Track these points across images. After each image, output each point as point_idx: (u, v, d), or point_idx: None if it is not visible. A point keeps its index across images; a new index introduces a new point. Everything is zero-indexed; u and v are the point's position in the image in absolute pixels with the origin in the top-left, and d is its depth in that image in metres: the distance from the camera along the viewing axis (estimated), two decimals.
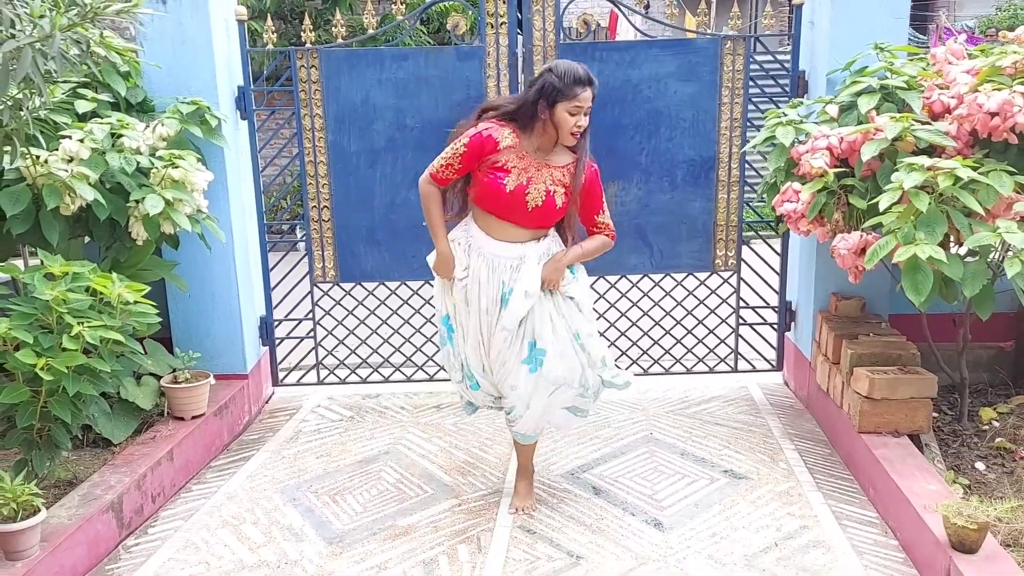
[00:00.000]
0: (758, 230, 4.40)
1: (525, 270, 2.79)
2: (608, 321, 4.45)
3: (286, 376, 4.52)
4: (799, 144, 3.28)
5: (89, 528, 2.75)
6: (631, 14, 4.47)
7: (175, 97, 3.60)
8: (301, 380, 4.50)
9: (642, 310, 4.45)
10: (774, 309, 4.42)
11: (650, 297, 4.42)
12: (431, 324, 4.48)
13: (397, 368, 4.50)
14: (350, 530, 3.00)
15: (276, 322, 4.37)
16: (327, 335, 4.45)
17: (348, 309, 4.43)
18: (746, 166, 4.30)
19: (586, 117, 2.75)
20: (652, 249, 4.26)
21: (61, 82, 3.14)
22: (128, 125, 3.23)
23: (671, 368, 4.49)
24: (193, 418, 3.57)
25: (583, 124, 2.74)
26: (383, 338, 4.48)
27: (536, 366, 2.83)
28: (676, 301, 4.40)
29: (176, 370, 3.68)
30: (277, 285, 4.35)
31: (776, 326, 4.46)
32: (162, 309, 3.36)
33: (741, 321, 4.43)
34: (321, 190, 4.19)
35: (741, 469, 3.42)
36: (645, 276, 4.39)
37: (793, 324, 4.35)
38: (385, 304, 4.46)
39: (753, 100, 4.17)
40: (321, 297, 4.40)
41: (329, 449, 3.74)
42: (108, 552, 2.87)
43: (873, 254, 2.70)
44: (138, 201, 3.14)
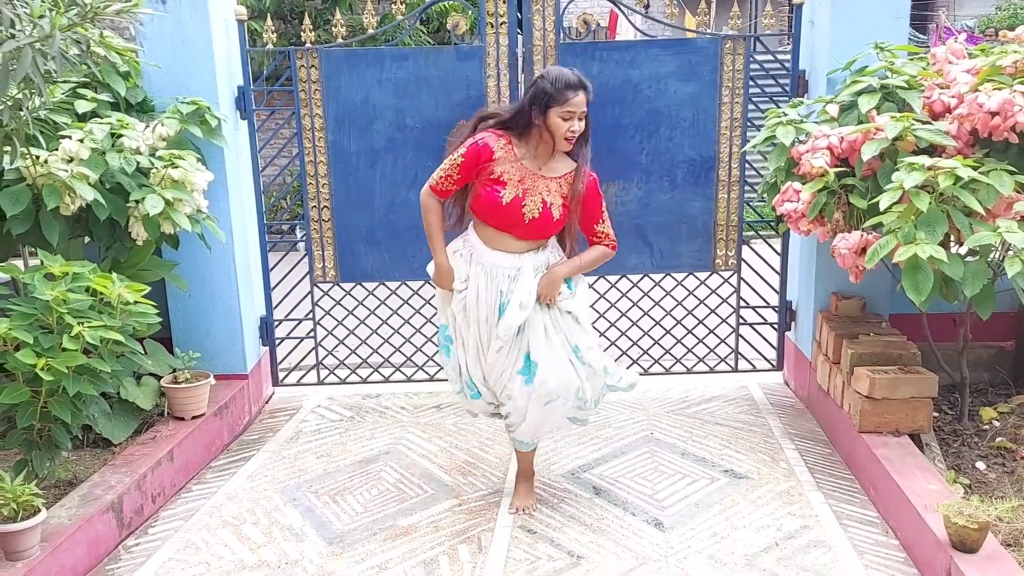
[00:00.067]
0: (758, 230, 4.40)
1: (521, 281, 2.79)
2: (608, 321, 4.45)
3: (286, 376, 4.52)
4: (799, 144, 3.28)
5: (89, 528, 2.75)
6: (631, 14, 4.46)
7: (175, 97, 3.60)
8: (301, 380, 4.50)
9: (642, 310, 4.45)
10: (774, 309, 4.42)
11: (650, 297, 4.42)
12: (431, 324, 4.48)
13: (397, 368, 4.50)
14: (350, 530, 3.00)
15: (276, 322, 4.37)
16: (327, 335, 4.45)
17: (348, 309, 4.42)
18: (746, 166, 4.29)
19: (581, 122, 2.73)
20: (652, 249, 4.26)
21: (61, 82, 3.14)
22: (128, 125, 3.23)
23: (671, 368, 4.50)
24: (193, 418, 3.57)
25: (577, 129, 2.72)
26: (383, 338, 4.48)
27: (531, 378, 2.84)
28: (676, 301, 4.39)
29: (176, 370, 3.68)
30: (277, 285, 4.35)
31: (776, 326, 4.46)
32: (162, 309, 3.36)
33: (741, 321, 4.43)
34: (321, 190, 4.19)
35: (742, 469, 3.42)
36: (645, 276, 4.39)
37: (793, 324, 4.35)
38: (385, 304, 4.46)
39: (753, 100, 4.17)
40: (321, 297, 4.39)
41: (329, 449, 3.74)
42: (108, 552, 2.87)
43: (874, 254, 2.70)
44: (138, 201, 3.14)
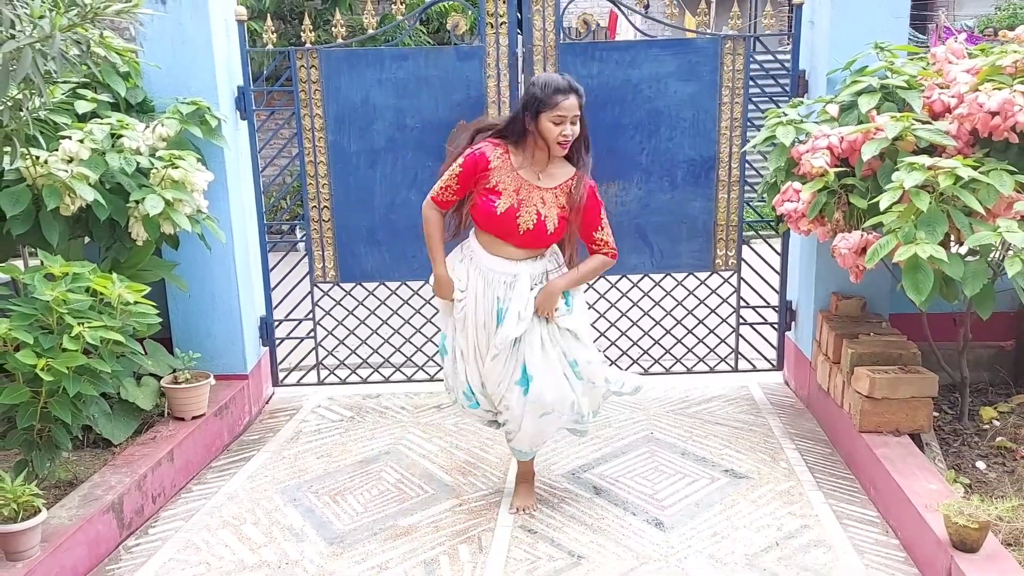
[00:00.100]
0: (758, 230, 4.40)
1: (518, 289, 2.80)
2: (608, 321, 4.45)
3: (286, 376, 4.52)
4: (799, 144, 3.28)
5: (90, 528, 2.75)
6: (631, 14, 4.46)
7: (175, 97, 3.60)
8: (301, 380, 4.50)
9: (642, 310, 4.45)
10: (774, 309, 4.42)
11: (650, 297, 4.42)
12: (431, 324, 4.48)
13: (397, 368, 4.50)
14: (351, 530, 3.00)
15: (276, 322, 4.37)
16: (327, 335, 4.45)
17: (348, 309, 4.42)
18: (746, 166, 4.29)
19: (574, 126, 2.72)
20: (652, 249, 4.26)
21: (61, 82, 3.14)
22: (128, 125, 3.23)
23: (672, 368, 4.50)
24: (193, 418, 3.57)
25: (568, 133, 2.71)
26: (383, 338, 4.48)
27: (527, 390, 2.85)
28: (676, 301, 4.39)
29: (176, 370, 3.68)
30: (277, 285, 4.35)
31: (776, 326, 4.46)
32: (162, 309, 3.35)
33: (741, 321, 4.43)
34: (321, 190, 4.19)
35: (742, 468, 3.42)
36: (645, 276, 4.39)
37: (793, 324, 4.35)
38: (385, 304, 4.46)
39: (753, 100, 4.17)
40: (321, 297, 4.39)
41: (329, 449, 3.74)
42: (109, 552, 2.87)
43: (874, 253, 2.71)
44: (138, 201, 3.14)
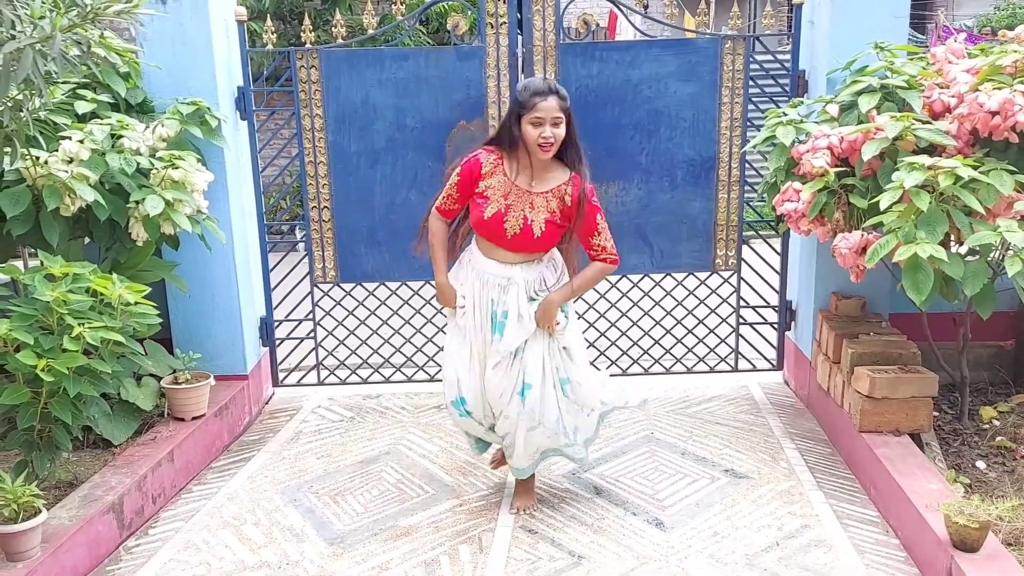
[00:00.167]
0: (758, 230, 4.40)
1: (512, 294, 2.82)
2: (608, 321, 4.45)
3: (286, 377, 4.52)
4: (799, 144, 3.28)
5: (90, 529, 2.74)
6: (631, 14, 4.46)
7: (175, 98, 3.59)
8: (301, 381, 4.50)
9: (643, 310, 4.45)
10: (774, 308, 4.42)
11: (651, 297, 4.42)
12: (432, 324, 4.48)
13: (398, 368, 4.50)
14: (351, 531, 3.00)
15: (276, 323, 4.37)
16: (327, 336, 4.45)
17: (348, 310, 4.42)
18: (746, 166, 4.29)
19: (555, 128, 2.70)
20: (652, 249, 4.26)
21: (61, 83, 3.14)
22: (128, 126, 3.23)
23: (672, 368, 4.49)
24: (193, 419, 3.57)
25: (548, 135, 2.69)
26: (383, 338, 4.48)
27: (524, 401, 2.87)
28: (677, 301, 4.39)
29: (176, 371, 3.68)
30: (277, 286, 4.35)
31: (776, 325, 4.46)
32: (162, 310, 3.35)
33: (741, 320, 4.43)
34: (321, 190, 4.19)
35: (742, 468, 3.42)
36: (646, 276, 4.39)
37: (793, 323, 4.35)
38: (385, 304, 4.45)
39: (753, 100, 4.17)
40: (321, 298, 4.39)
41: (330, 450, 3.74)
42: (109, 553, 2.87)
43: (874, 253, 2.71)
44: (138, 202, 3.14)
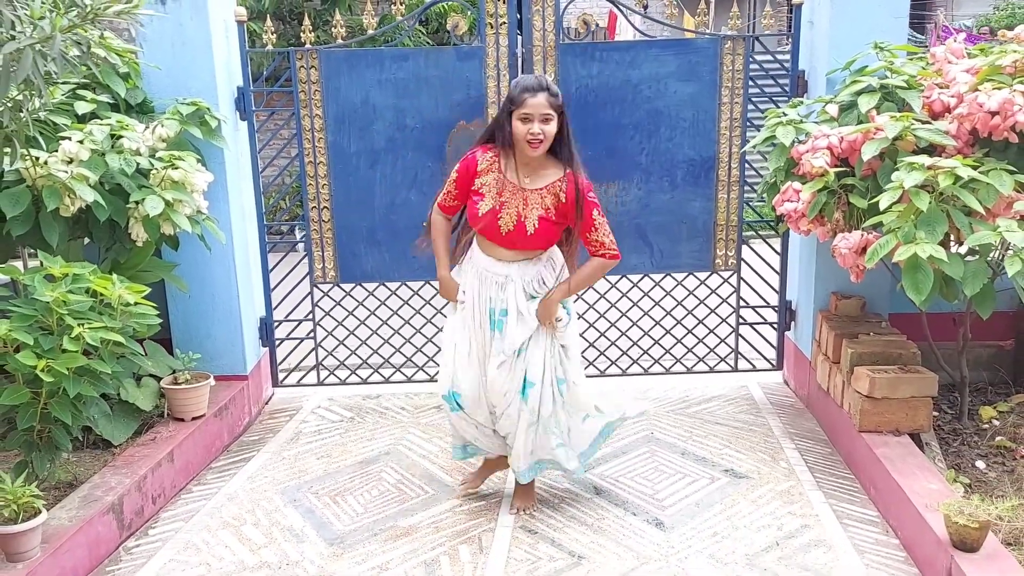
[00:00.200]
0: (758, 230, 4.40)
1: (510, 292, 2.82)
2: (608, 321, 4.45)
3: (286, 377, 4.51)
4: (799, 144, 3.28)
5: (90, 530, 2.74)
6: (630, 14, 4.46)
7: (175, 98, 3.59)
8: (301, 381, 4.50)
9: (642, 310, 4.45)
10: (774, 308, 4.42)
11: (650, 297, 4.42)
12: (431, 324, 4.48)
13: (397, 369, 4.50)
14: (351, 531, 3.00)
15: (276, 323, 4.37)
16: (327, 336, 4.45)
17: (348, 310, 4.42)
18: (746, 166, 4.29)
19: (544, 125, 2.69)
20: (652, 249, 4.26)
21: (61, 83, 3.13)
22: (128, 126, 3.23)
23: (671, 368, 4.49)
24: (193, 419, 3.57)
25: (537, 131, 2.69)
26: (383, 339, 4.48)
27: (526, 398, 2.89)
28: (676, 301, 4.39)
29: (176, 371, 3.68)
30: (277, 286, 4.35)
31: (776, 325, 4.46)
32: (162, 310, 3.35)
33: (741, 320, 4.43)
34: (321, 191, 4.19)
35: (742, 468, 3.42)
36: (645, 276, 4.39)
37: (793, 323, 4.35)
38: (385, 304, 4.45)
39: (753, 100, 4.17)
40: (321, 298, 4.39)
41: (329, 450, 3.73)
42: (109, 554, 2.86)
43: (874, 253, 2.71)
44: (138, 202, 3.13)
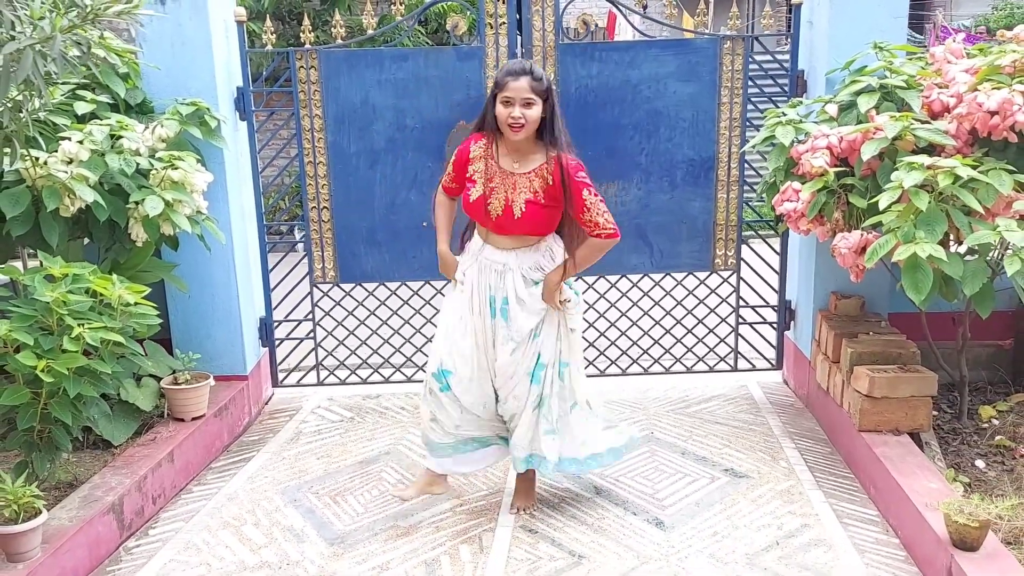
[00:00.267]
0: (758, 229, 4.41)
1: (509, 280, 2.83)
2: (608, 321, 4.45)
3: (286, 377, 4.51)
4: (799, 143, 3.28)
5: (90, 530, 2.74)
6: (630, 14, 4.47)
7: (174, 98, 3.59)
8: (301, 381, 4.50)
9: (642, 309, 4.45)
10: (774, 308, 4.42)
11: (650, 297, 4.42)
12: (431, 324, 4.48)
13: (397, 369, 4.50)
14: (351, 531, 3.00)
15: (276, 323, 4.37)
16: (327, 336, 4.45)
17: (348, 310, 4.42)
18: (746, 166, 4.30)
19: (526, 109, 2.68)
20: (652, 249, 4.27)
21: (60, 84, 3.13)
22: (127, 126, 3.23)
23: (671, 367, 4.50)
24: (193, 419, 3.57)
25: (518, 115, 2.68)
26: (383, 339, 4.48)
27: (537, 380, 2.89)
28: (676, 300, 4.40)
29: (176, 371, 3.68)
30: (277, 286, 4.35)
31: (776, 325, 4.46)
32: (162, 310, 3.35)
33: (741, 320, 4.43)
34: (321, 191, 4.19)
35: (742, 468, 3.42)
36: (645, 276, 4.39)
37: (793, 323, 4.35)
38: (385, 304, 4.45)
39: (752, 100, 4.18)
40: (321, 298, 4.39)
41: (330, 450, 3.74)
42: (109, 554, 2.87)
43: (873, 253, 2.71)
44: (138, 202, 3.13)
